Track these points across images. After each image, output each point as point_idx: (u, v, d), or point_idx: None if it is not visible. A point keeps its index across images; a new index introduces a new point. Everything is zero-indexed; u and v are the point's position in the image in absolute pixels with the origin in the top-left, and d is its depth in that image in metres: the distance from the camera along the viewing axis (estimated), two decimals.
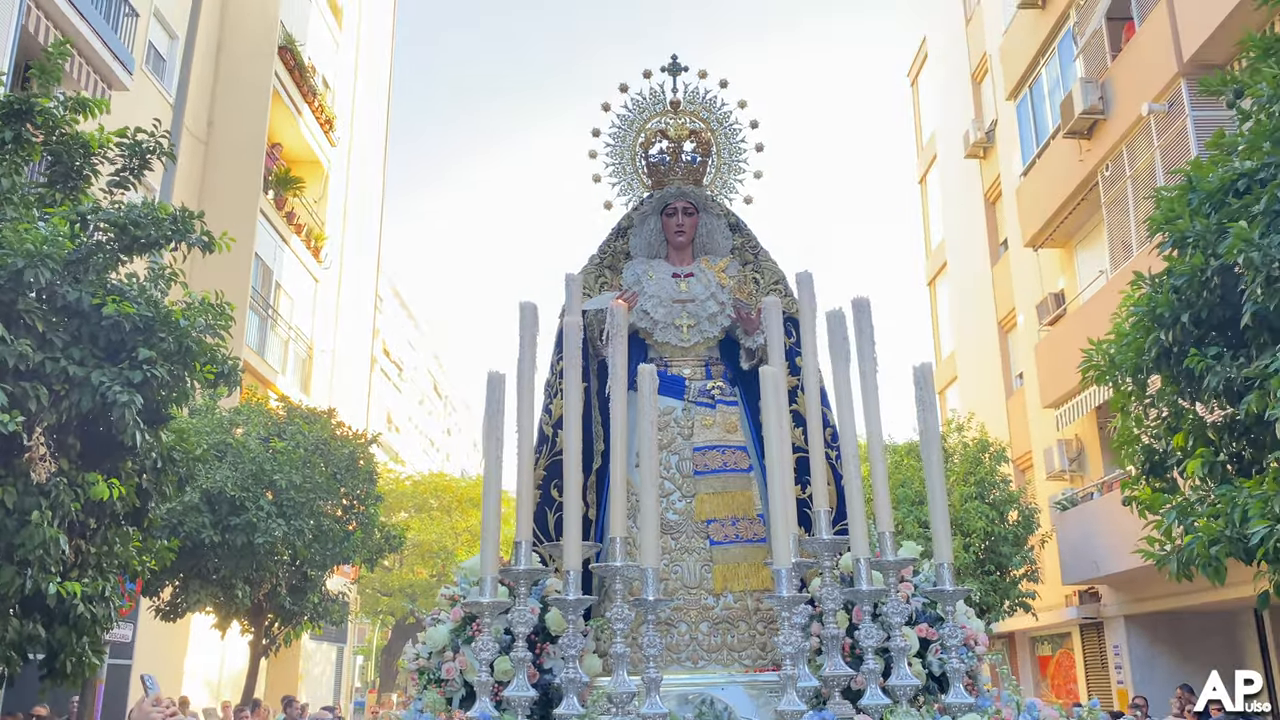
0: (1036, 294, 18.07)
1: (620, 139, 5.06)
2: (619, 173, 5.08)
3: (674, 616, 4.29)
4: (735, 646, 4.28)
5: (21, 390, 5.99)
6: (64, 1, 11.63)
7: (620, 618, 3.23)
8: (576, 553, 3.36)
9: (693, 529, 4.42)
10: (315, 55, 20.80)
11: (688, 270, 4.85)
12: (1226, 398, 5.26)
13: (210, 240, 6.82)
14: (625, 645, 3.22)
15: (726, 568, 4.36)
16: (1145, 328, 5.67)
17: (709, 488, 4.46)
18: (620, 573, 3.28)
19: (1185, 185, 5.68)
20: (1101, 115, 14.67)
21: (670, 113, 5.02)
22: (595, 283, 4.94)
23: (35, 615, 6.73)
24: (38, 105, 7.09)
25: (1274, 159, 5.04)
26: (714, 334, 4.74)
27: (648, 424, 3.42)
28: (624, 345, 3.72)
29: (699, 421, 4.57)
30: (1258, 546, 4.77)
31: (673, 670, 4.12)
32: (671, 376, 4.67)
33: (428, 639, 4.08)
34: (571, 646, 3.29)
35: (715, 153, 5.04)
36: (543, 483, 4.40)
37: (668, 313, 4.72)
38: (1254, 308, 4.90)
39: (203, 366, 6.87)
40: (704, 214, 4.95)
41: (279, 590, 11.37)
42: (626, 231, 5.02)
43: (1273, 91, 5.20)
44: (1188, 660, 15.34)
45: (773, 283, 4.89)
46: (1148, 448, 6.31)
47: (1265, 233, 4.83)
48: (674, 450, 4.54)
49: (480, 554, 3.46)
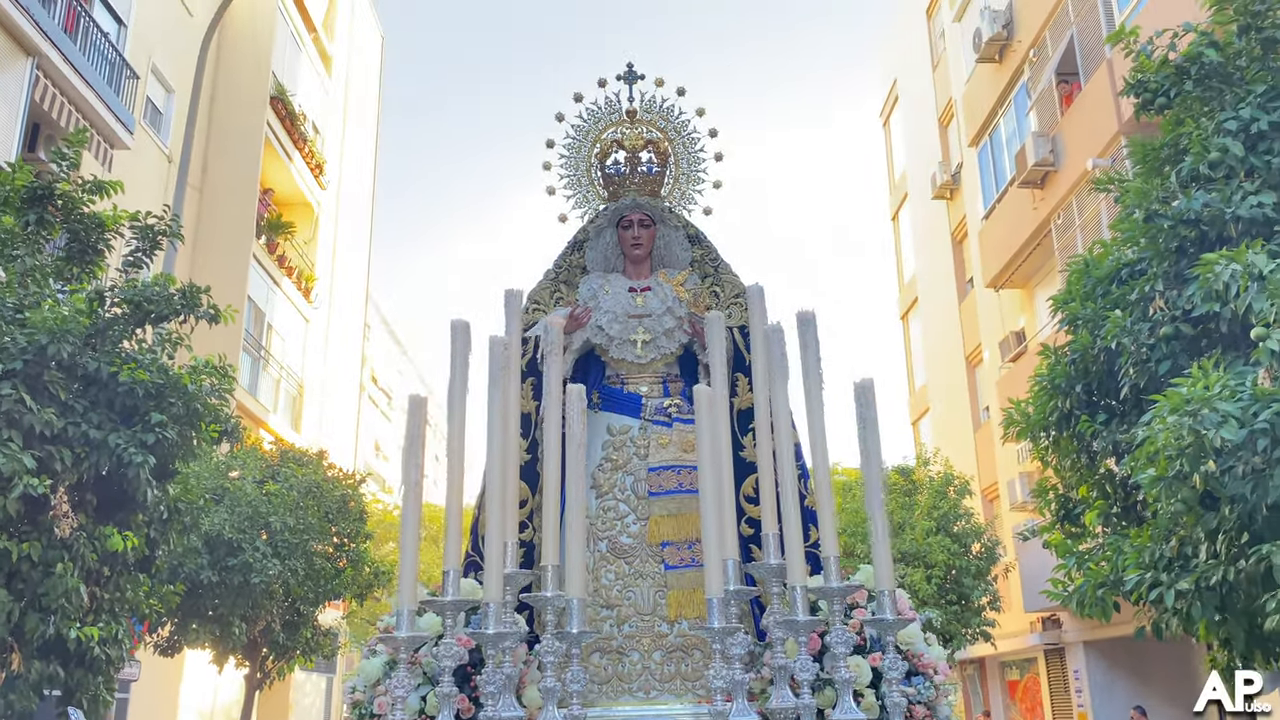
0: (999, 331, 18.90)
1: (575, 150, 4.87)
2: (574, 184, 4.90)
3: (626, 644, 4.14)
4: (689, 676, 4.13)
5: (47, 454, 6.64)
6: (70, 70, 12.32)
7: (550, 650, 3.09)
8: (498, 582, 3.19)
9: (647, 553, 4.27)
10: (305, 101, 21.54)
11: (645, 284, 4.69)
12: (1115, 458, 5.99)
13: (216, 313, 7.50)
14: (555, 679, 3.08)
15: (681, 593, 4.21)
16: (1049, 393, 6.43)
17: (664, 509, 4.30)
18: (550, 603, 3.13)
19: (1082, 269, 6.46)
20: (1053, 167, 15.54)
21: (626, 122, 4.83)
22: (550, 298, 4.78)
23: (52, 657, 7.36)
24: (58, 189, 7.78)
25: (1146, 254, 5.80)
26: (671, 350, 4.58)
27: (575, 447, 3.27)
28: (559, 362, 3.58)
29: (655, 441, 4.40)
30: (1132, 591, 5.50)
31: (623, 701, 4.00)
32: (628, 395, 4.53)
33: (361, 672, 3.96)
34: (492, 683, 3.15)
35: (673, 162, 4.86)
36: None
37: (623, 328, 4.56)
38: (1129, 383, 5.66)
39: (208, 426, 7.53)
40: (661, 226, 4.78)
41: (273, 626, 11.96)
42: (582, 245, 4.86)
43: (1136, 202, 5.97)
44: (1144, 684, 16.06)
45: (734, 296, 4.71)
46: (1061, 496, 7.04)
47: (1136, 320, 5.59)
48: (629, 471, 4.39)
49: (399, 585, 3.25)
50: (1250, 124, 5.33)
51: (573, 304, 4.70)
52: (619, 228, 4.76)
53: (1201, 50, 5.73)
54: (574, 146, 4.87)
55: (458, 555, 3.28)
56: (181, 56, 17.39)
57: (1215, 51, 5.71)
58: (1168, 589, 5.32)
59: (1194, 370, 4.75)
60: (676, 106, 4.83)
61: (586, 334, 4.55)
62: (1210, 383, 4.65)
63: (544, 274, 4.87)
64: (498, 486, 3.34)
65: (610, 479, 4.40)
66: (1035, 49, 16.46)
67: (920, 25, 24.43)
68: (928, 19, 24.00)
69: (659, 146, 4.83)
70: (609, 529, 4.32)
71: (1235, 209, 5.18)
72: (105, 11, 14.20)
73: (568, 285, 4.83)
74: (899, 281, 27.74)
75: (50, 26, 11.89)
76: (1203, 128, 5.61)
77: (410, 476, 3.35)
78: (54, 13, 12.13)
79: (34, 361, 6.59)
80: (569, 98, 4.81)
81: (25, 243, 7.64)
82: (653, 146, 4.82)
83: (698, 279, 4.78)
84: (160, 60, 16.49)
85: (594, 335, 4.57)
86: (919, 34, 24.57)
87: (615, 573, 4.25)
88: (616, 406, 4.49)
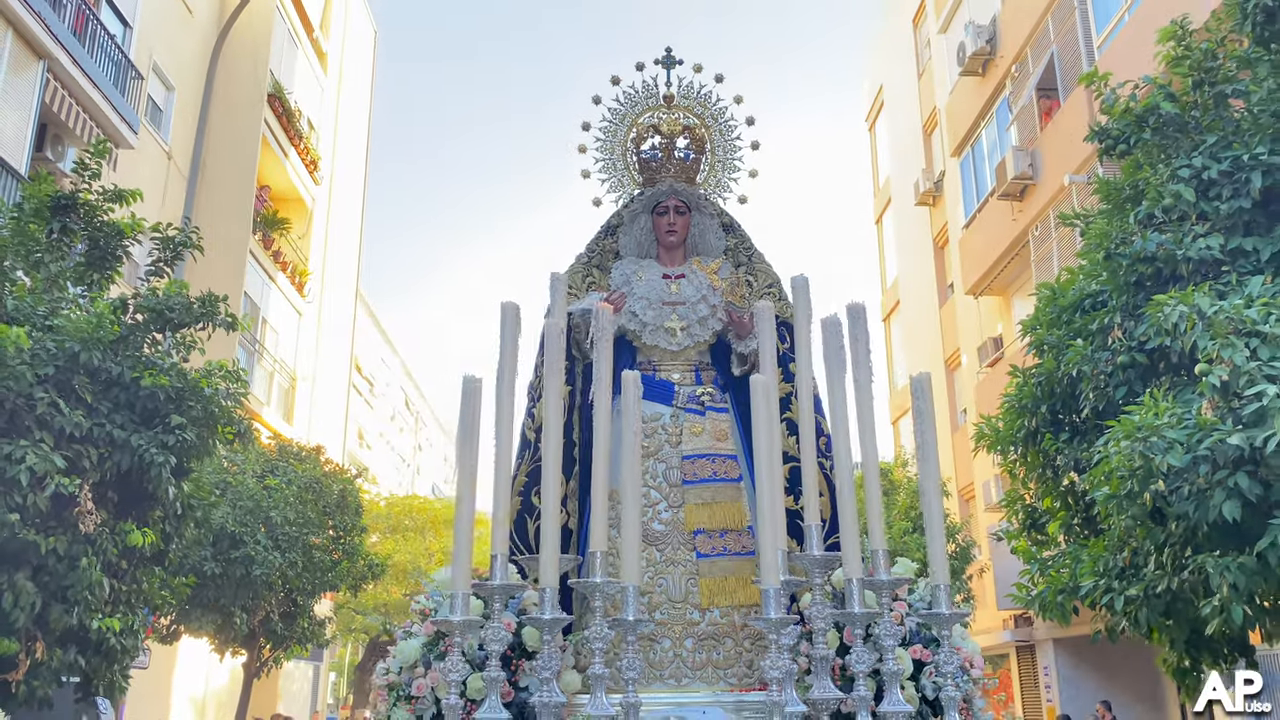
0: (978, 337, 19.43)
1: (611, 133, 4.84)
2: (609, 169, 4.86)
3: (658, 632, 4.13)
4: (721, 664, 4.13)
5: (75, 453, 7.02)
6: (79, 72, 12.62)
7: (599, 637, 3.05)
8: (553, 569, 3.11)
9: (679, 540, 4.25)
10: (301, 97, 21.82)
11: (679, 271, 4.66)
12: (1077, 473, 6.48)
13: (234, 321, 7.89)
14: (604, 665, 3.04)
15: (713, 581, 4.20)
16: (1016, 412, 6.93)
17: (697, 498, 4.30)
18: (600, 589, 3.08)
19: (1050, 297, 6.95)
20: (1031, 180, 16.05)
21: (663, 107, 4.80)
22: (583, 282, 4.74)
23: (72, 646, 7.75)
24: (80, 198, 8.13)
25: (1107, 288, 6.29)
26: (705, 338, 4.55)
27: (631, 434, 3.24)
28: (609, 348, 3.49)
29: (688, 429, 4.40)
30: (1087, 596, 6.01)
31: (655, 688, 3.98)
32: (660, 381, 4.49)
33: (398, 653, 3.92)
34: (547, 669, 3.06)
35: (709, 150, 4.84)
36: (524, 489, 4.27)
37: (657, 315, 4.52)
38: (1089, 406, 6.15)
39: (223, 428, 7.92)
40: (696, 213, 4.75)
41: (271, 616, 12.37)
42: (616, 230, 4.82)
43: (1097, 241, 6.46)
44: (1110, 680, 16.68)
45: (766, 286, 4.72)
46: (1028, 506, 7.54)
47: (1097, 349, 6.08)
48: (661, 458, 4.37)
49: (453, 567, 3.25)
50: (1202, 171, 5.80)
51: (605, 288, 4.68)
52: (654, 213, 4.73)
53: (1158, 102, 6.21)
54: (609, 130, 4.84)
55: (504, 540, 3.25)
56: (182, 54, 17.67)
57: (1170, 104, 6.19)
58: (1118, 595, 5.83)
59: (1145, 399, 5.23)
60: (714, 93, 4.80)
61: (620, 319, 4.49)
62: (1160, 411, 5.13)
63: (575, 257, 4.83)
64: (552, 472, 3.26)
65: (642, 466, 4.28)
66: (1017, 65, 16.96)
67: (907, 34, 24.90)
68: (914, 28, 24.46)
69: (695, 133, 4.80)
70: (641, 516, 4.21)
71: (1186, 250, 5.66)
72: (111, 13, 14.47)
73: (600, 269, 4.80)
74: (882, 284, 28.26)
75: (61, 30, 12.18)
76: (1159, 173, 6.10)
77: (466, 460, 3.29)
78: (64, 16, 12.43)
79: (66, 368, 6.97)
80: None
81: (49, 250, 8.01)
82: (689, 133, 4.79)
83: (731, 267, 4.77)
84: (161, 59, 16.77)
85: (628, 321, 4.52)
86: (905, 42, 25.04)
87: (647, 560, 4.21)
88: (648, 393, 4.36)
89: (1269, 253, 5.57)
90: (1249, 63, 6.16)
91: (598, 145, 4.87)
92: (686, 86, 4.81)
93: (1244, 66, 6.20)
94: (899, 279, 26.21)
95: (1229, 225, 5.76)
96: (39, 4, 11.70)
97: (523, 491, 4.26)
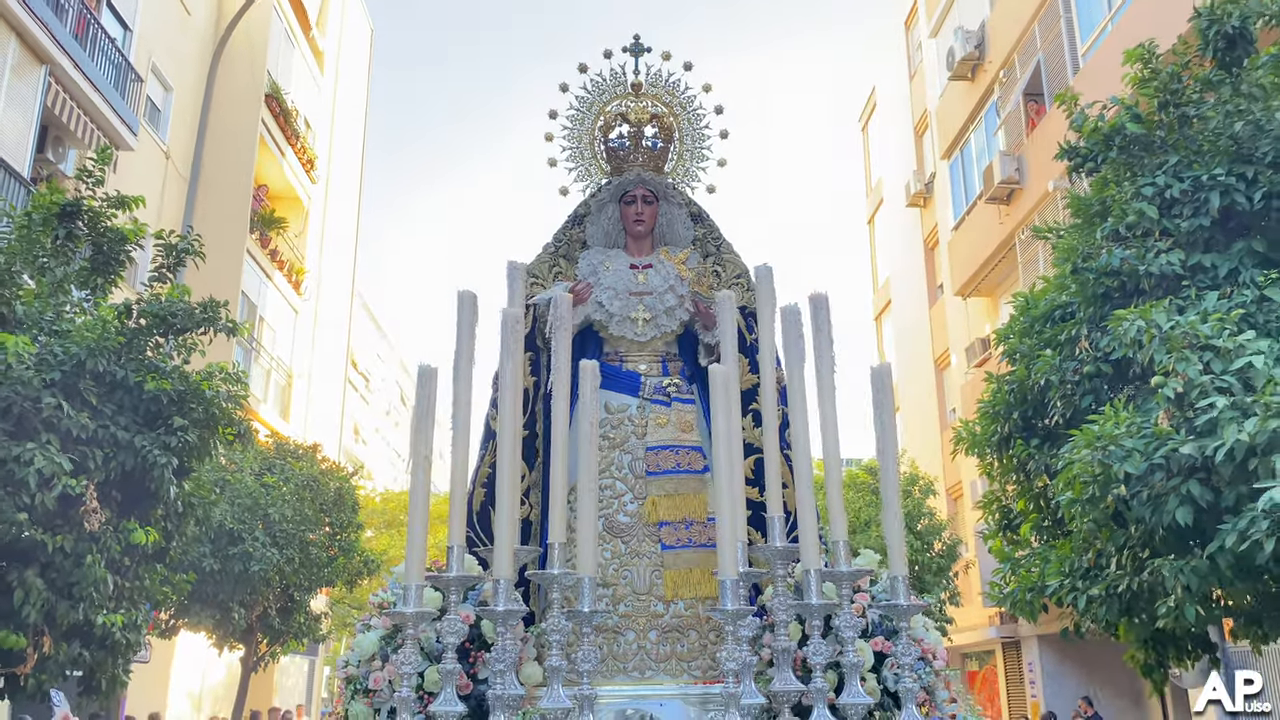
0: (967, 337, 19.71)
1: (579, 121, 4.80)
2: (576, 157, 4.82)
3: (622, 624, 4.12)
4: (685, 656, 4.13)
5: (81, 455, 7.25)
6: (80, 76, 12.82)
7: (557, 629, 3.05)
8: (508, 560, 3.08)
9: (644, 532, 4.25)
10: (298, 96, 22.02)
11: (646, 261, 4.63)
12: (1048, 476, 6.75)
13: (234, 327, 8.12)
14: (561, 658, 3.02)
15: (678, 573, 4.20)
16: (991, 418, 7.19)
17: (661, 489, 4.29)
18: (557, 581, 3.09)
19: (1023, 307, 7.22)
20: (1018, 185, 16.31)
21: (631, 95, 4.75)
22: (549, 272, 4.71)
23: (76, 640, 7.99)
24: (85, 205, 8.36)
25: (1075, 300, 6.55)
26: (672, 328, 4.53)
27: (588, 424, 3.21)
28: (568, 338, 3.45)
29: (653, 420, 4.38)
30: (1054, 595, 6.29)
31: (618, 680, 3.98)
32: (626, 373, 4.48)
33: (356, 646, 3.91)
34: (501, 661, 3.01)
35: (678, 138, 4.79)
36: (488, 481, 4.22)
37: (624, 305, 4.49)
38: (1057, 413, 6.42)
39: (224, 430, 8.16)
40: (664, 202, 4.71)
41: (269, 612, 12.63)
42: (583, 219, 4.79)
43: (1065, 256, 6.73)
44: (1093, 676, 17.00)
45: (734, 276, 4.70)
46: (1004, 508, 7.81)
47: (1065, 359, 6.34)
48: (626, 449, 4.36)
49: (406, 559, 3.20)
50: (1164, 190, 6.06)
51: (572, 279, 4.64)
52: (621, 203, 4.69)
53: (1125, 123, 6.47)
54: (577, 118, 4.79)
55: (461, 531, 3.20)
56: (180, 55, 17.87)
57: (1136, 124, 6.46)
58: (1082, 595, 6.11)
59: (1106, 409, 5.50)
60: (682, 81, 4.75)
61: (586, 310, 4.46)
62: (1120, 420, 5.39)
63: (543, 247, 4.79)
64: (508, 461, 3.23)
65: (607, 457, 4.35)
66: (1005, 70, 17.21)
67: (899, 36, 25.13)
68: (906, 30, 24.70)
69: (663, 121, 4.76)
70: (606, 508, 4.27)
71: (1149, 265, 5.92)
72: (112, 16, 14.67)
73: (567, 259, 4.76)
74: (874, 283, 28.53)
75: (63, 35, 12.38)
76: (1124, 191, 6.37)
77: (420, 450, 3.26)
78: (66, 21, 12.63)
79: (72, 372, 7.20)
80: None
81: (55, 255, 8.24)
82: (657, 121, 4.75)
83: (699, 258, 4.73)
84: (160, 59, 16.96)
85: (594, 311, 4.50)
86: (897, 44, 25.28)
87: (611, 552, 4.22)
88: (614, 384, 4.40)
89: (1226, 269, 5.84)
90: (1212, 85, 6.42)
91: (565, 133, 4.82)
92: (654, 75, 4.76)
93: (1208, 88, 6.46)
94: (890, 279, 26.48)
95: (1190, 242, 6.03)
96: (42, 10, 11.90)
97: (486, 483, 4.22)
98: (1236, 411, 4.87)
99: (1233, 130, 5.94)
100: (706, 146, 4.83)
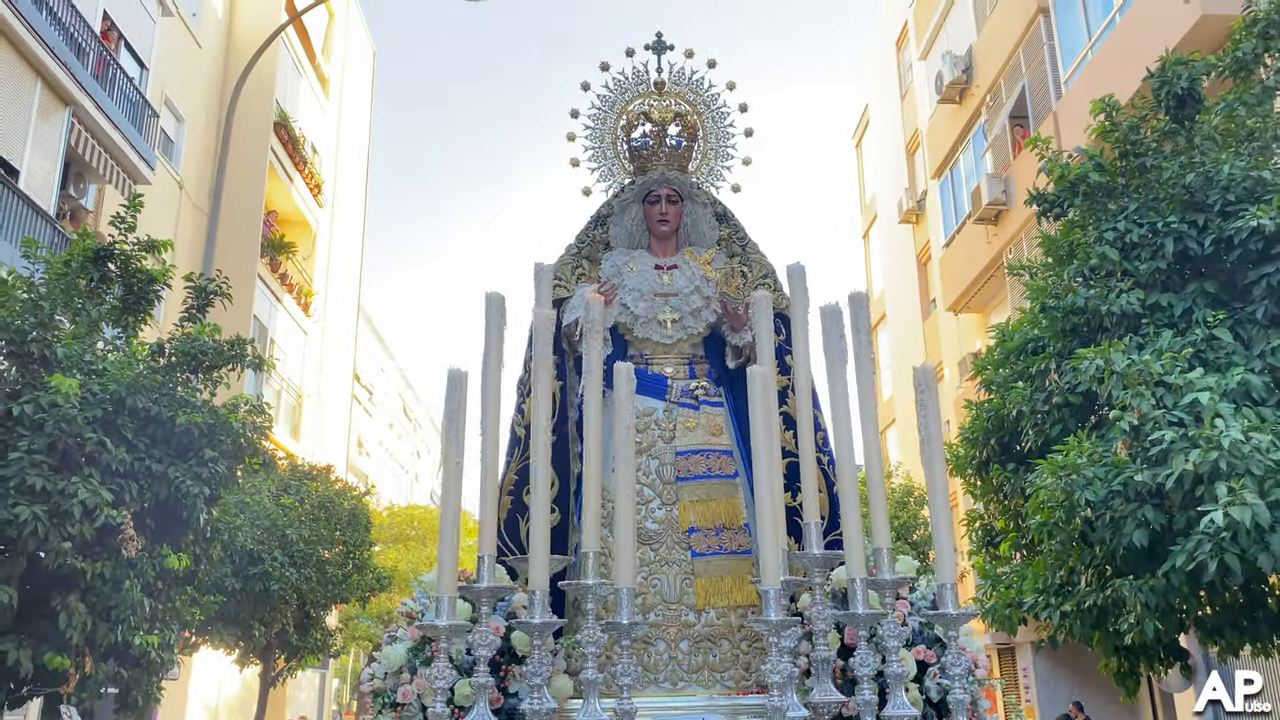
0: (959, 352, 20.21)
1: (601, 121, 4.73)
2: (599, 157, 4.75)
3: (652, 634, 4.00)
4: (717, 666, 4.00)
5: (119, 486, 7.77)
6: (101, 116, 13.36)
7: (592, 640, 2.92)
8: (543, 570, 2.96)
9: (673, 539, 4.11)
10: (304, 122, 22.58)
11: (671, 262, 4.53)
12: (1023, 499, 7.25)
13: (260, 362, 8.64)
14: (597, 670, 2.90)
15: (709, 581, 4.06)
16: (970, 443, 7.70)
17: (691, 495, 4.16)
18: (592, 591, 2.95)
19: (1000, 339, 7.73)
20: (1005, 206, 16.83)
21: (654, 94, 4.68)
22: (572, 274, 4.62)
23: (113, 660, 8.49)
24: (117, 249, 8.89)
25: (1045, 335, 7.07)
26: (698, 330, 4.43)
27: (624, 429, 3.11)
28: (599, 341, 3.33)
29: (681, 424, 4.27)
30: (1030, 610, 6.81)
31: (650, 692, 3.86)
32: (652, 375, 4.35)
33: (383, 658, 3.82)
34: (537, 675, 2.92)
35: (702, 137, 4.71)
36: (514, 488, 4.15)
37: (649, 307, 4.39)
38: (1029, 441, 6.93)
39: (250, 459, 8.68)
40: (689, 202, 4.62)
41: (287, 629, 13.13)
42: (606, 220, 4.70)
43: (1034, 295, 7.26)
44: (1085, 680, 17.46)
45: (761, 276, 4.60)
46: (985, 525, 8.31)
47: (1036, 390, 6.86)
48: (654, 454, 4.23)
49: (438, 570, 3.10)
50: (1125, 234, 6.57)
51: (595, 280, 4.55)
52: (645, 203, 4.61)
53: (1088, 171, 7.00)
54: (599, 118, 4.73)
55: (491, 541, 3.10)
56: (192, 87, 18.42)
57: (1099, 173, 6.98)
58: (1055, 610, 6.62)
59: (1070, 440, 6.01)
60: (706, 79, 4.68)
61: (611, 312, 4.34)
62: (1083, 450, 5.90)
63: (565, 249, 4.71)
64: (541, 468, 3.14)
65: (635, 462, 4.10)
66: (991, 95, 17.75)
67: (890, 56, 25.69)
68: (897, 50, 25.26)
69: (687, 120, 4.69)
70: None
71: (1111, 305, 6.43)
72: (129, 55, 15.22)
73: (590, 261, 4.67)
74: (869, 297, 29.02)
75: (84, 77, 12.93)
76: (1089, 235, 6.89)
77: (451, 456, 3.14)
78: (87, 63, 13.17)
79: (113, 411, 7.72)
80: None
81: (89, 297, 8.76)
82: (681, 120, 4.68)
83: (725, 258, 4.64)
84: (172, 92, 17.52)
85: (619, 314, 4.40)
86: (889, 64, 25.84)
87: (640, 559, 4.06)
88: (640, 388, 4.18)
89: (1181, 308, 6.34)
90: (1168, 135, 6.96)
91: (587, 133, 4.76)
92: (678, 72, 4.69)
93: (1165, 138, 6.99)
94: (885, 293, 26.99)
95: (1149, 283, 6.53)
96: (64, 53, 12.44)
97: (513, 490, 4.15)
98: (1185, 443, 5.36)
99: (1185, 180, 6.46)
100: (731, 145, 4.76)
